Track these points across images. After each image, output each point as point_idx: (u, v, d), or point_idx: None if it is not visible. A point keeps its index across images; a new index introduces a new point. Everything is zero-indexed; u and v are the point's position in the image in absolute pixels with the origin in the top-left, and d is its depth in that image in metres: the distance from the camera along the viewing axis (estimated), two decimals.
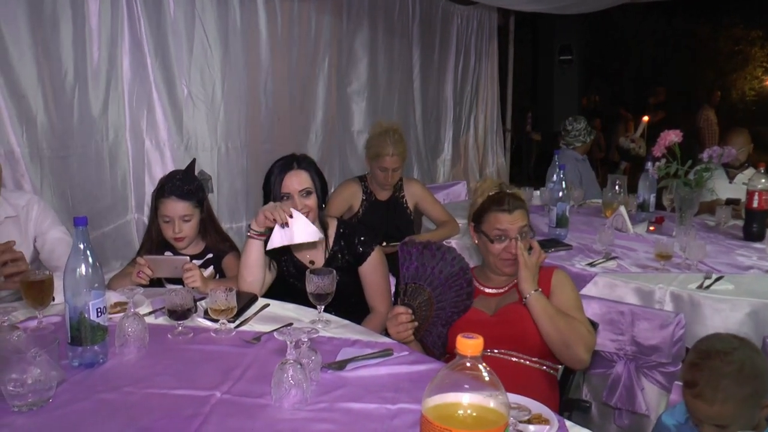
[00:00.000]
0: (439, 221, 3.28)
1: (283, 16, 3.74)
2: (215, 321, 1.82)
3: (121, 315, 1.70)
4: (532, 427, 1.33)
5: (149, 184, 3.17)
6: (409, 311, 1.85)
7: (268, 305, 2.00)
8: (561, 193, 3.02)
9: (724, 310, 2.22)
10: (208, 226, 2.40)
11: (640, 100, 8.86)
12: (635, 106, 8.88)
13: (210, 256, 2.37)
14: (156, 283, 2.20)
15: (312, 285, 1.80)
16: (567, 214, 3.03)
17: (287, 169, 2.16)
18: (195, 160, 2.53)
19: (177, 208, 2.25)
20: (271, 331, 1.74)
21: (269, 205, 2.04)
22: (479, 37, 6.00)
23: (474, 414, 0.92)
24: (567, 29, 10.09)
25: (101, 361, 1.57)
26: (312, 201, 2.16)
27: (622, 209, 3.17)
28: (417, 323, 1.87)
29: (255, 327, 1.83)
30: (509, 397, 0.96)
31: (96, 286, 1.53)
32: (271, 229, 2.03)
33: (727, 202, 3.32)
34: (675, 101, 13.32)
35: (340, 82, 4.33)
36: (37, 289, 1.74)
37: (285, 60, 3.80)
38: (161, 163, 3.22)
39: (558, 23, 9.92)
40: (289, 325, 1.82)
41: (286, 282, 2.25)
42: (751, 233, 2.94)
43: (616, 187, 3.45)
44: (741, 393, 1.38)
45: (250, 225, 2.08)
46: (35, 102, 2.66)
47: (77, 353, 1.53)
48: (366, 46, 4.51)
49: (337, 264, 2.22)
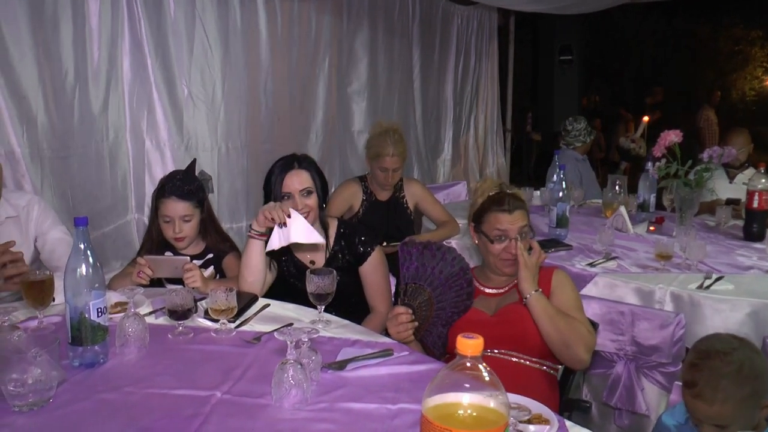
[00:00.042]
0: (440, 221, 3.28)
1: (284, 16, 3.74)
2: (215, 321, 1.82)
3: (121, 315, 1.70)
4: (532, 427, 1.34)
5: (149, 184, 3.17)
6: (410, 311, 1.85)
7: (268, 305, 2.00)
8: (561, 194, 3.02)
9: (725, 311, 2.22)
10: (209, 226, 2.40)
11: (640, 101, 8.86)
12: (635, 107, 8.88)
13: (210, 256, 2.37)
14: (156, 283, 2.20)
15: (312, 285, 1.80)
16: (567, 214, 3.03)
17: (288, 169, 2.16)
18: (195, 160, 2.53)
19: (177, 208, 2.26)
20: (272, 331, 1.74)
21: (269, 204, 2.05)
22: (479, 37, 6.00)
23: (474, 414, 0.92)
24: (567, 29, 10.10)
25: (102, 361, 1.57)
26: (312, 201, 2.16)
27: (623, 209, 3.17)
28: (417, 323, 1.87)
29: (255, 327, 1.84)
30: (509, 397, 0.96)
31: (96, 286, 1.53)
32: (272, 229, 2.04)
33: (728, 202, 3.32)
34: (675, 101, 13.32)
35: (340, 82, 4.33)
36: (37, 289, 1.75)
37: (285, 60, 3.80)
38: (161, 163, 3.22)
39: (558, 23, 9.93)
40: (290, 325, 1.82)
41: (287, 282, 2.25)
42: (751, 233, 2.93)
43: (617, 188, 3.45)
44: (740, 393, 1.38)
45: (251, 225, 2.08)
46: (36, 102, 2.66)
47: (78, 353, 1.54)
48: (366, 46, 4.51)
49: (338, 264, 2.22)
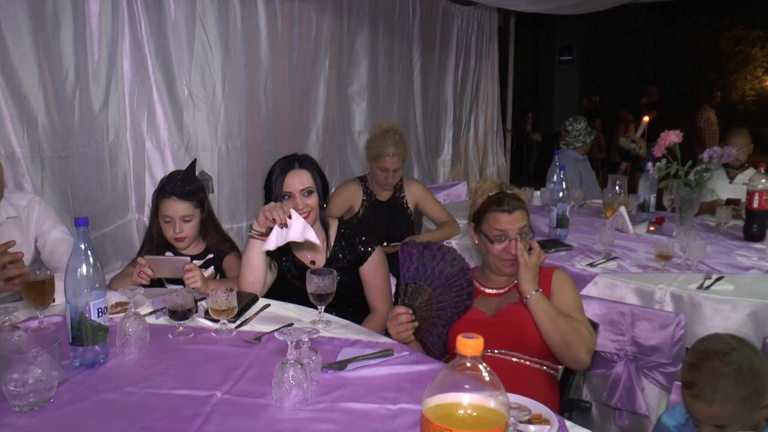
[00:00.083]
0: (440, 221, 3.28)
1: (284, 16, 3.74)
2: (216, 321, 1.82)
3: (122, 315, 1.70)
4: (533, 427, 1.34)
5: (150, 184, 3.17)
6: (410, 311, 1.85)
7: (268, 305, 2.00)
8: (561, 194, 3.02)
9: (725, 311, 2.22)
10: (209, 226, 2.40)
11: (640, 101, 8.87)
12: (636, 107, 8.89)
13: (211, 256, 2.37)
14: (157, 283, 2.20)
15: (312, 285, 1.81)
16: (567, 214, 3.03)
17: (289, 169, 2.16)
18: (196, 161, 2.53)
19: (178, 208, 2.26)
20: (272, 332, 1.74)
21: (269, 205, 2.05)
22: (480, 37, 6.00)
23: (474, 414, 0.92)
24: (567, 30, 10.09)
25: (102, 361, 1.57)
26: (313, 200, 2.16)
27: (623, 210, 3.17)
28: (417, 323, 1.87)
29: (256, 327, 1.84)
30: (509, 397, 0.96)
31: (97, 286, 1.53)
32: (272, 229, 2.04)
33: (728, 203, 3.32)
34: (675, 102, 13.34)
35: (340, 83, 4.33)
36: (38, 289, 1.75)
37: (285, 60, 3.80)
38: (162, 163, 3.22)
39: (558, 24, 9.92)
40: (290, 325, 1.82)
41: (287, 282, 2.25)
42: (752, 233, 2.93)
43: (617, 188, 3.45)
44: (740, 393, 1.38)
45: (252, 225, 2.08)
46: (36, 103, 2.66)
47: (78, 353, 1.54)
48: (366, 46, 4.51)
49: (338, 264, 2.22)
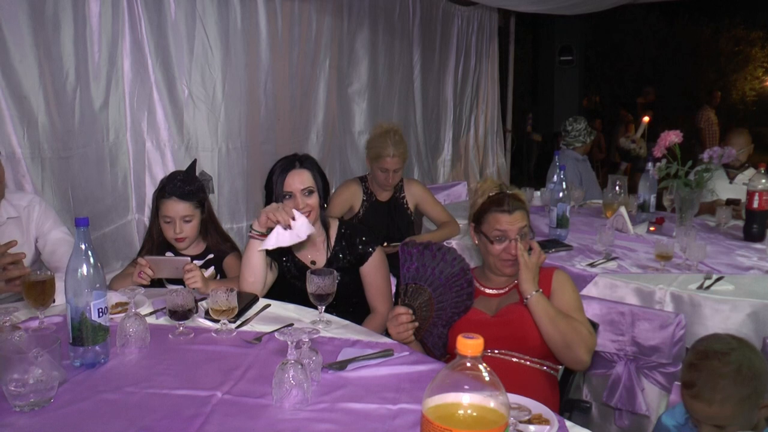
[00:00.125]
0: (440, 222, 3.28)
1: (284, 16, 3.74)
2: (216, 321, 1.82)
3: (122, 315, 1.71)
4: (533, 427, 1.34)
5: (150, 184, 3.18)
6: (410, 312, 1.85)
7: (269, 306, 2.00)
8: (561, 194, 3.02)
9: (725, 311, 2.22)
10: (209, 226, 2.40)
11: (652, 103, 8.89)
12: (635, 107, 8.90)
13: (211, 256, 2.37)
14: (157, 283, 2.20)
15: (313, 285, 1.81)
16: (567, 214, 3.03)
17: (289, 168, 2.16)
18: (196, 161, 2.53)
19: (178, 208, 2.26)
20: (272, 332, 1.74)
21: (272, 206, 2.04)
22: (480, 37, 6.00)
23: (474, 414, 0.92)
24: (567, 30, 10.10)
25: (102, 361, 1.57)
26: (314, 200, 2.16)
27: (623, 210, 3.17)
28: (417, 324, 1.87)
29: (256, 327, 1.84)
30: (509, 397, 0.96)
31: (97, 286, 1.53)
32: (272, 229, 2.04)
33: (728, 203, 3.32)
34: (675, 102, 13.34)
35: (340, 83, 4.34)
36: (38, 289, 1.75)
37: (285, 61, 3.80)
38: (162, 163, 3.22)
39: (558, 24, 9.93)
40: (290, 325, 1.82)
41: (287, 282, 2.25)
42: (752, 234, 2.93)
43: (617, 188, 3.45)
44: (739, 393, 1.38)
45: (252, 225, 2.08)
46: (36, 103, 2.66)
47: (79, 353, 1.54)
48: (367, 46, 4.51)
49: (339, 264, 2.22)
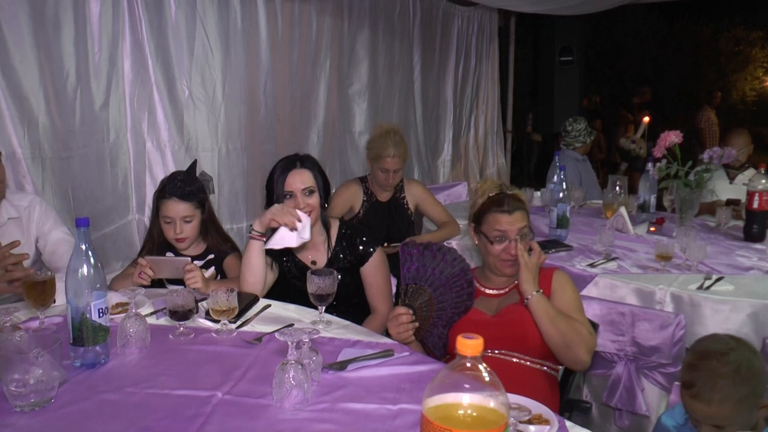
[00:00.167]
0: (440, 222, 3.28)
1: (284, 17, 3.74)
2: (216, 322, 1.82)
3: (122, 315, 1.71)
4: (533, 427, 1.34)
5: (150, 184, 3.18)
6: (410, 312, 1.86)
7: (269, 306, 2.01)
8: (561, 194, 3.02)
9: (724, 311, 2.22)
10: (210, 227, 2.40)
11: (648, 102, 8.88)
12: (633, 107, 8.89)
13: (211, 256, 2.37)
14: (157, 283, 2.20)
15: (313, 286, 1.81)
16: (567, 214, 3.03)
17: (290, 168, 2.16)
18: (196, 161, 2.53)
19: (178, 209, 2.26)
20: (273, 332, 1.74)
21: (276, 207, 2.04)
22: (480, 38, 6.01)
23: (474, 414, 0.92)
24: (568, 30, 10.09)
25: (103, 361, 1.57)
26: (314, 200, 2.16)
27: (623, 210, 3.17)
28: (418, 324, 1.87)
29: (256, 328, 1.84)
30: (509, 397, 0.96)
31: (98, 286, 1.53)
32: (273, 229, 2.04)
33: (728, 203, 3.32)
34: (675, 102, 13.34)
35: (341, 84, 4.34)
36: (38, 289, 1.75)
37: (286, 61, 3.80)
38: (162, 164, 3.22)
39: (559, 24, 9.92)
40: (290, 325, 1.83)
41: (288, 282, 2.25)
42: (752, 234, 2.94)
43: (617, 188, 3.45)
44: (738, 393, 1.38)
45: (252, 225, 2.08)
46: (37, 103, 2.66)
47: (79, 353, 1.54)
48: (367, 47, 4.51)
49: (339, 264, 2.23)
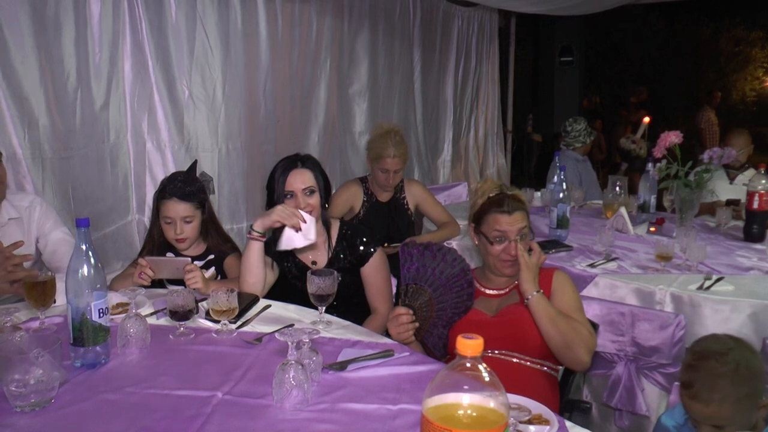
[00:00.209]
0: (440, 222, 3.29)
1: (284, 17, 3.74)
2: (217, 322, 1.82)
3: (122, 316, 1.71)
4: (533, 427, 1.34)
5: (150, 185, 3.18)
6: (410, 312, 1.86)
7: (269, 306, 2.01)
8: (562, 194, 3.02)
9: (725, 312, 2.22)
10: (210, 227, 2.40)
11: (645, 102, 8.88)
12: (629, 107, 8.90)
13: (211, 257, 2.37)
14: (157, 284, 2.20)
15: (313, 286, 1.81)
16: (567, 215, 3.03)
17: (291, 168, 2.16)
18: (196, 162, 2.53)
19: (178, 209, 2.26)
20: (273, 332, 1.74)
21: (280, 209, 2.04)
22: (480, 38, 6.01)
23: (474, 414, 0.92)
24: (568, 30, 10.11)
25: (103, 361, 1.57)
26: (315, 200, 2.16)
27: (623, 210, 3.17)
28: (418, 324, 1.87)
29: (256, 328, 1.84)
30: (509, 397, 0.96)
31: (98, 287, 1.53)
32: (274, 230, 2.04)
33: (728, 203, 3.32)
34: (675, 102, 13.34)
35: (341, 84, 4.34)
36: (39, 290, 1.75)
37: (286, 61, 3.81)
38: (162, 164, 3.22)
39: (559, 24, 9.95)
40: (291, 325, 1.83)
41: (288, 282, 2.25)
42: (752, 234, 2.94)
43: (617, 188, 3.45)
44: (737, 393, 1.38)
45: (252, 226, 2.08)
46: (37, 104, 2.67)
47: (79, 354, 1.54)
48: (367, 47, 4.51)
49: (340, 265, 2.23)
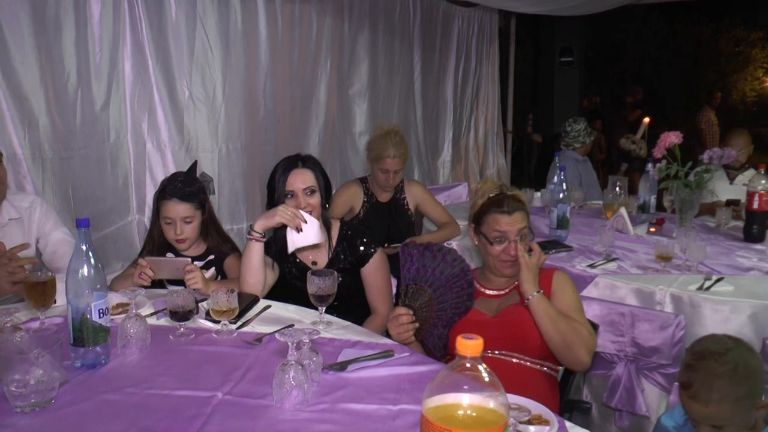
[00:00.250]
0: (440, 223, 3.29)
1: (284, 18, 3.74)
2: (217, 322, 1.82)
3: (123, 316, 1.71)
4: (533, 427, 1.34)
5: (150, 185, 3.18)
6: (410, 312, 1.86)
7: (269, 306, 2.01)
8: (562, 195, 3.02)
9: (724, 312, 2.22)
10: (210, 227, 2.40)
11: (641, 102, 8.87)
12: (626, 106, 8.89)
13: (211, 257, 2.37)
14: (157, 284, 2.20)
15: (313, 286, 1.81)
16: (567, 215, 3.03)
17: (292, 168, 2.17)
18: (197, 162, 2.53)
19: (178, 209, 2.26)
20: (273, 333, 1.74)
21: (282, 210, 2.04)
22: (480, 38, 6.00)
23: (474, 414, 0.92)
24: (568, 31, 10.11)
25: (103, 362, 1.57)
26: (316, 200, 2.16)
27: (623, 210, 3.17)
28: (418, 324, 1.87)
29: (256, 328, 1.84)
30: (509, 397, 0.97)
31: (98, 287, 1.53)
32: (275, 230, 2.04)
33: (728, 204, 3.32)
34: (675, 102, 13.34)
35: (341, 84, 4.34)
36: (39, 290, 1.75)
37: (286, 62, 3.80)
38: (162, 164, 3.23)
39: (559, 25, 9.94)
40: (291, 326, 1.83)
41: (288, 283, 2.26)
42: (752, 234, 2.94)
43: (617, 189, 3.45)
44: (736, 393, 1.38)
45: (251, 226, 2.08)
46: (37, 104, 2.67)
47: (79, 354, 1.54)
48: (367, 48, 4.51)
49: (340, 265, 2.23)
